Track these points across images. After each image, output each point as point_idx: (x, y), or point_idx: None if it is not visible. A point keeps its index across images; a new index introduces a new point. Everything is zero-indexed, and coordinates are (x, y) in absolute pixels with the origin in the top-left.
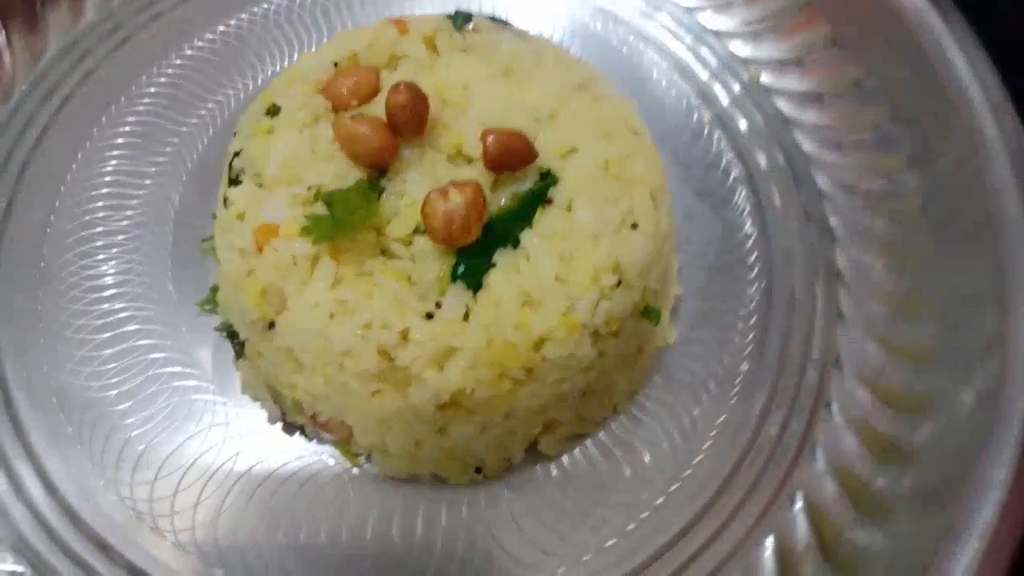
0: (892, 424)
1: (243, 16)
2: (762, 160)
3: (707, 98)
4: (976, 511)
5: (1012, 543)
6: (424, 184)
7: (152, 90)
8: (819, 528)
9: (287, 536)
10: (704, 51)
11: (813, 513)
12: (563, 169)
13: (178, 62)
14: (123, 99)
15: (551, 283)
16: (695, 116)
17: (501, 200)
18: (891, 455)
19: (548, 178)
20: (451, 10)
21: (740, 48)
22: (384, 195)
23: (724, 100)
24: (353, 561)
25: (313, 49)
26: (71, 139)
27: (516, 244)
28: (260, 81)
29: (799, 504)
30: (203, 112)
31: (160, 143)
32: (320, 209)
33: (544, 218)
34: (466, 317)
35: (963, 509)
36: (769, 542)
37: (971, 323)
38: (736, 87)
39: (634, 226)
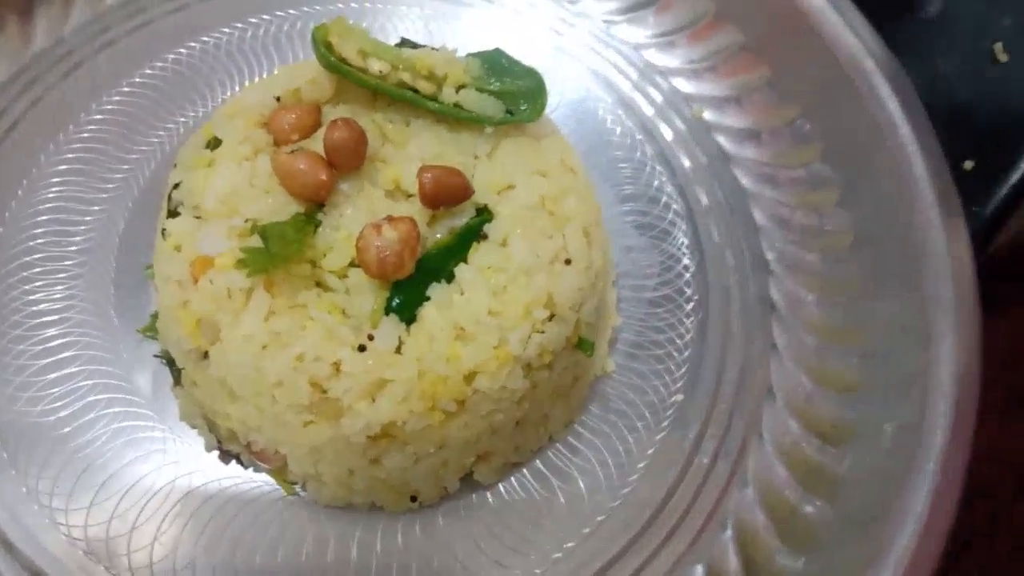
0: (819, 453)
1: (194, 45)
2: (702, 195)
3: (651, 134)
4: (895, 538)
5: (928, 571)
6: (361, 218)
7: (100, 117)
8: (747, 555)
9: (222, 562)
10: (649, 88)
11: (742, 540)
12: (499, 205)
13: (127, 90)
14: (71, 126)
15: (484, 316)
16: (638, 151)
17: (437, 235)
18: (818, 483)
19: (484, 214)
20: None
21: (683, 85)
22: (321, 228)
23: (668, 136)
24: None
25: (263, 76)
26: (17, 165)
27: (451, 278)
28: (210, 108)
29: (729, 532)
30: (152, 140)
31: (108, 170)
32: (256, 242)
33: (479, 253)
34: (399, 350)
35: (883, 536)
36: (698, 569)
37: (896, 356)
38: (679, 124)
39: (567, 262)
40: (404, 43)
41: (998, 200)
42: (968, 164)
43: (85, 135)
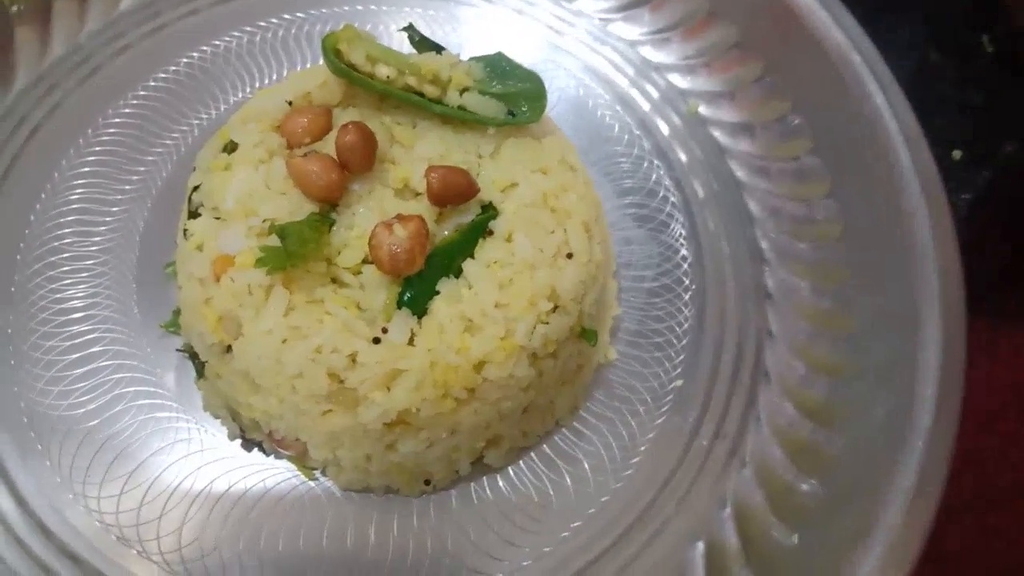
0: (813, 434)
1: (206, 49)
2: (699, 187)
3: (648, 129)
4: (883, 515)
5: (916, 545)
6: (373, 217)
7: (118, 121)
8: (745, 531)
9: (247, 546)
10: (646, 84)
11: (740, 518)
12: (503, 202)
13: (143, 94)
14: (90, 130)
15: (491, 309)
16: (636, 146)
17: (445, 231)
18: (811, 463)
19: (489, 211)
20: (406, 49)
21: (679, 80)
22: (335, 227)
23: (665, 131)
24: (310, 568)
25: (274, 78)
26: (40, 169)
27: (459, 273)
28: (223, 109)
29: (728, 510)
30: (168, 141)
31: (126, 171)
32: (274, 241)
33: (485, 249)
34: (411, 341)
35: (872, 514)
36: (699, 546)
37: (884, 340)
38: (675, 119)
39: (569, 256)
40: (410, 28)
41: (981, 188)
42: (957, 154)
43: (104, 138)
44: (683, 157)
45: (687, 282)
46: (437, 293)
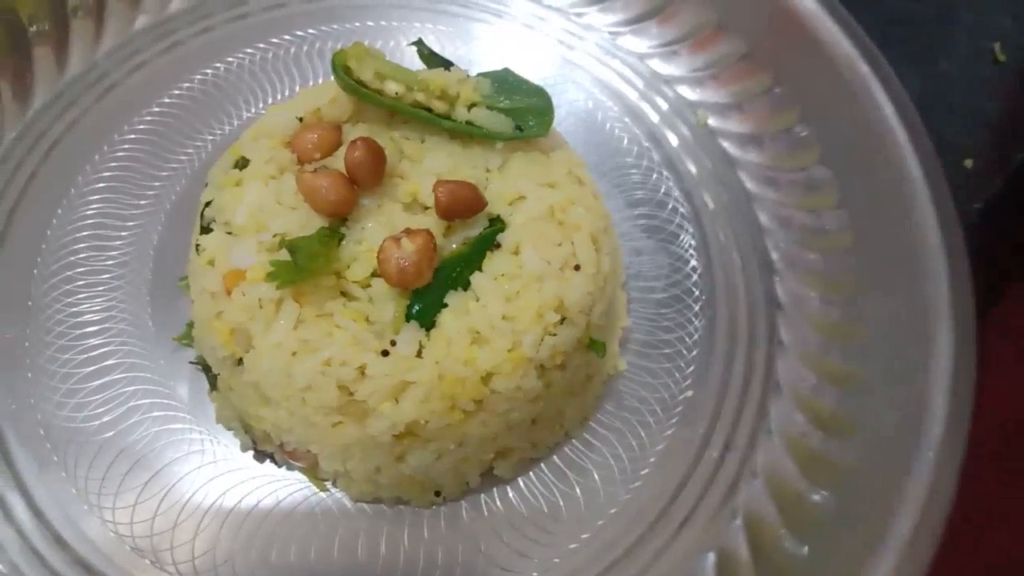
0: (824, 445)
1: (219, 66)
2: (708, 198)
3: (657, 141)
4: (894, 525)
5: (927, 556)
6: (382, 231)
7: (133, 137)
8: (755, 543)
9: (259, 557)
10: (655, 97)
11: (751, 529)
12: (511, 215)
13: (157, 110)
14: (106, 146)
15: (498, 321)
16: (646, 158)
17: (453, 245)
18: (823, 474)
19: (497, 224)
20: (417, 64)
21: (688, 92)
22: (344, 241)
23: (674, 142)
24: None
25: (286, 94)
26: (57, 185)
27: (467, 286)
28: (236, 125)
29: (739, 521)
30: (182, 157)
31: (141, 187)
32: (284, 255)
33: (493, 261)
34: (419, 354)
35: (883, 524)
36: (710, 557)
37: (895, 350)
38: (685, 130)
39: (576, 267)
40: (420, 44)
41: (993, 197)
42: (968, 162)
43: (119, 154)
44: (692, 168)
45: (697, 293)
46: (445, 306)
